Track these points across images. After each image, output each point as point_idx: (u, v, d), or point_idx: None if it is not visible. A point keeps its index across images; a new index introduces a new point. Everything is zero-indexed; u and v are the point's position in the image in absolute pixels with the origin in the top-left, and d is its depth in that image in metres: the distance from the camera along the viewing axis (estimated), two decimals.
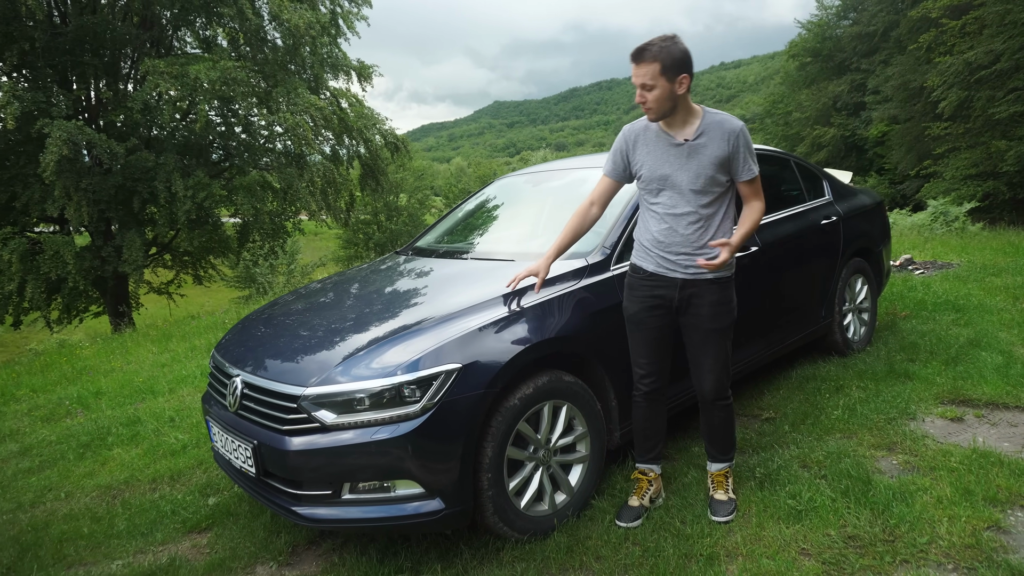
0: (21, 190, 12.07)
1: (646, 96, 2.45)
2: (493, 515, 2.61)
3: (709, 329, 2.65)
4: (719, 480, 2.88)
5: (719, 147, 2.52)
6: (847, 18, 29.27)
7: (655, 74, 2.41)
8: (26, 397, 6.02)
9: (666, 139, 2.58)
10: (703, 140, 2.53)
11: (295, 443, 2.50)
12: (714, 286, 2.63)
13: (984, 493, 2.73)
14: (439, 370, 2.47)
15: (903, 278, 6.87)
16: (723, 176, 2.56)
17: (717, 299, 2.64)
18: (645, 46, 2.41)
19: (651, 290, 2.69)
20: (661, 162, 2.60)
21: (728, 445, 2.88)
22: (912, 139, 22.23)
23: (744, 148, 2.54)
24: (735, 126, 2.54)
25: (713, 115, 2.56)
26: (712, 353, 2.69)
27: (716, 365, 2.71)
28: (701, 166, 2.53)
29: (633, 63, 2.45)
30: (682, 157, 2.56)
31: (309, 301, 3.42)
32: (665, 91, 2.44)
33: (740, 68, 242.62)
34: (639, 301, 2.73)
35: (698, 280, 2.62)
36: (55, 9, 12.87)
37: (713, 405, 2.78)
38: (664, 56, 2.39)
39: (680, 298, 2.65)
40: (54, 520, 3.36)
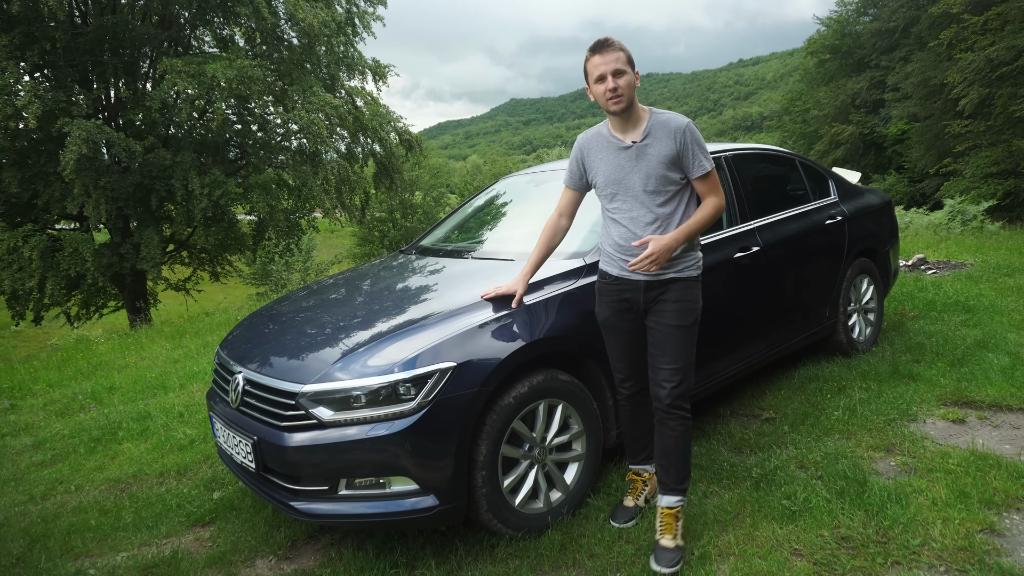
0: (42, 188, 12.30)
1: (618, 83, 2.42)
2: (487, 512, 2.64)
3: (670, 326, 2.57)
4: (668, 521, 2.59)
5: (666, 145, 2.50)
6: (867, 14, 28.93)
7: (623, 61, 2.43)
8: (42, 391, 6.15)
9: (615, 143, 2.58)
10: (650, 140, 2.51)
11: (293, 439, 2.55)
12: (677, 284, 2.58)
13: (980, 496, 2.72)
14: (434, 368, 2.50)
15: (914, 278, 6.81)
16: (675, 174, 2.52)
17: (680, 296, 2.57)
18: (606, 39, 2.45)
19: (619, 294, 2.66)
20: (613, 167, 2.59)
21: (682, 473, 2.63)
22: (932, 137, 21.95)
23: (692, 144, 2.50)
24: (680, 123, 2.52)
25: (659, 115, 2.55)
26: (671, 351, 2.56)
27: (677, 367, 2.56)
28: (651, 166, 2.51)
29: (597, 54, 2.43)
30: (632, 160, 2.54)
31: (311, 300, 3.47)
32: (631, 79, 2.46)
33: (759, 65, 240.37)
34: (608, 306, 2.70)
35: (661, 280, 2.57)
36: (76, 9, 13.07)
37: (668, 414, 2.58)
38: (624, 47, 2.45)
39: (645, 300, 2.61)
40: (63, 512, 3.44)
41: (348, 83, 16.35)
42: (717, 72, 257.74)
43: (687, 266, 2.58)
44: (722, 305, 3.54)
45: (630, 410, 2.85)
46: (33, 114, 10.81)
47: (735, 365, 3.62)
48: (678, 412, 2.58)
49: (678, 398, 2.57)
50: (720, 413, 3.84)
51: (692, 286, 2.60)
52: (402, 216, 35.64)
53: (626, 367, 2.76)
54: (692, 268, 2.60)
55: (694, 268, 2.61)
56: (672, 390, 2.56)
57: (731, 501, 2.89)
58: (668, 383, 2.56)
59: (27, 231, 11.95)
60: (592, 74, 2.47)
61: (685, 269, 2.58)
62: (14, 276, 11.77)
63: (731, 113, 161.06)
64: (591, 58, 2.45)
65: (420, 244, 4.15)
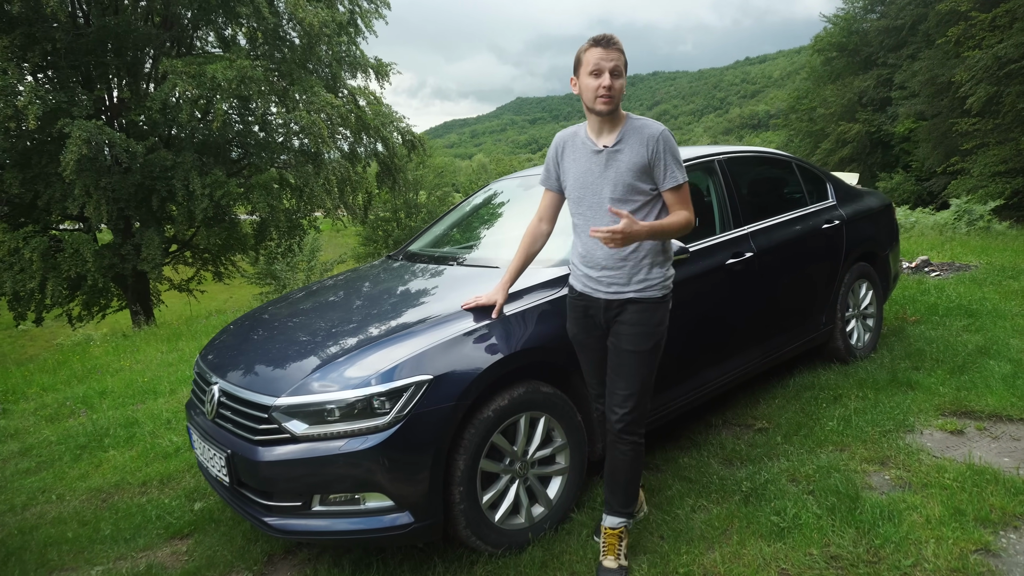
0: (43, 189, 12.29)
1: (614, 84, 2.31)
2: (465, 529, 2.57)
3: (626, 351, 2.44)
4: (611, 541, 2.52)
5: (637, 153, 2.37)
6: (874, 12, 28.70)
7: (622, 64, 2.33)
8: (36, 395, 6.11)
9: (589, 146, 2.46)
10: (621, 146, 2.40)
11: (266, 454, 2.49)
12: (637, 306, 2.43)
13: (976, 513, 2.63)
14: (409, 382, 2.43)
15: (917, 280, 6.69)
16: (645, 184, 2.39)
17: (638, 319, 2.42)
18: (610, 35, 2.32)
19: (584, 311, 2.55)
20: (583, 171, 2.47)
21: (629, 496, 2.55)
22: (939, 135, 21.75)
23: (666, 153, 2.37)
24: (654, 130, 2.39)
25: (634, 121, 2.43)
26: (626, 377, 2.44)
27: (630, 393, 2.44)
28: (619, 173, 2.39)
29: (600, 47, 2.30)
30: (601, 165, 2.42)
31: (291, 308, 3.41)
32: (624, 83, 2.35)
33: (766, 63, 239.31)
34: (575, 322, 2.60)
35: (621, 300, 2.44)
36: (78, 10, 13.06)
37: (619, 439, 2.49)
38: (624, 51, 2.34)
39: (606, 319, 2.49)
40: (43, 523, 3.39)
41: (350, 82, 16.30)
42: (724, 70, 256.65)
43: (649, 285, 2.43)
44: (714, 312, 3.46)
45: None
46: (33, 115, 10.80)
47: (727, 374, 3.53)
48: (629, 438, 2.48)
49: (630, 424, 2.47)
50: (712, 423, 3.76)
51: (654, 308, 2.44)
52: (406, 216, 35.62)
53: (598, 383, 2.66)
54: (655, 288, 2.44)
55: (658, 288, 2.45)
56: (623, 416, 2.46)
57: (719, 516, 2.81)
58: (620, 408, 2.46)
59: (28, 232, 11.95)
60: (587, 64, 2.32)
61: (647, 289, 2.43)
62: (15, 277, 11.77)
63: (738, 111, 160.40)
64: (591, 49, 2.31)
65: (408, 249, 4.08)
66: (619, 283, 2.44)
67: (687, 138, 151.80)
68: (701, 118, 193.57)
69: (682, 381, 3.31)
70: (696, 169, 3.72)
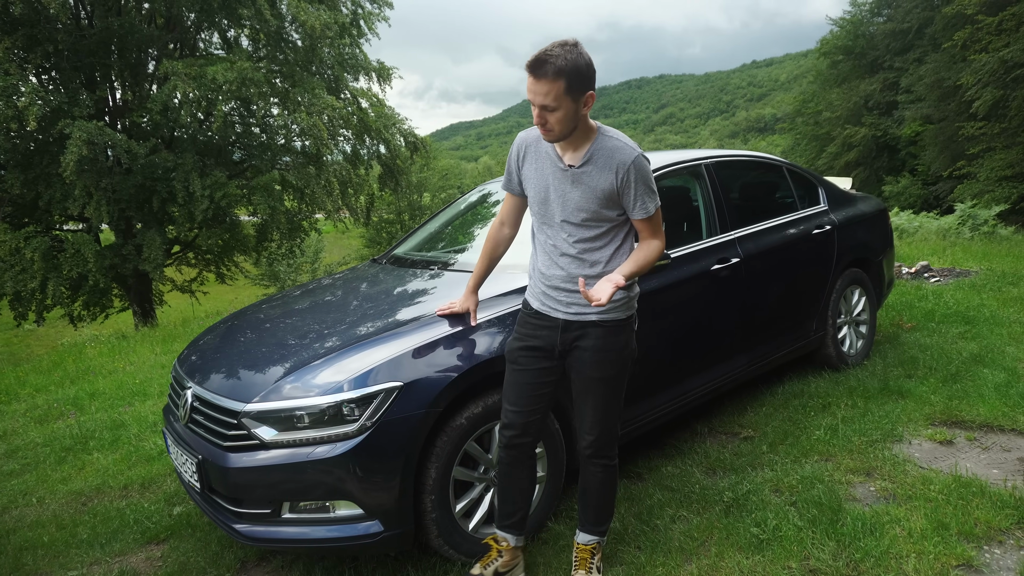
0: (44, 189, 12.33)
1: (547, 118, 2.04)
2: (438, 538, 2.54)
3: (591, 377, 2.28)
4: (583, 556, 2.43)
5: (605, 179, 2.14)
6: (880, 15, 28.56)
7: (559, 94, 1.99)
8: (27, 396, 6.11)
9: (554, 159, 2.23)
10: (588, 168, 2.16)
11: (235, 460, 2.45)
12: (599, 330, 2.25)
13: (959, 527, 2.57)
14: (378, 388, 2.39)
15: (915, 286, 6.62)
16: (610, 211, 2.19)
17: (602, 345, 2.25)
18: (545, 57, 1.96)
19: (534, 330, 2.35)
20: (543, 185, 2.26)
21: (603, 515, 2.45)
22: (945, 139, 21.63)
23: (637, 182, 2.14)
24: (626, 157, 2.13)
25: (607, 139, 2.17)
26: (592, 404, 2.30)
27: (597, 419, 2.32)
28: (583, 198, 2.18)
29: (531, 76, 2.00)
30: (565, 184, 2.21)
31: (267, 313, 3.37)
32: (569, 112, 2.04)
33: (772, 66, 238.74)
34: (519, 339, 2.39)
35: (582, 322, 2.26)
36: (81, 11, 13.11)
37: (589, 461, 2.38)
38: (570, 71, 1.97)
39: (562, 342, 2.29)
40: (20, 527, 3.36)
41: (353, 84, 16.31)
42: (730, 73, 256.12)
43: (612, 306, 2.25)
44: (698, 318, 3.41)
45: (507, 462, 2.43)
46: (33, 116, 10.83)
47: (712, 382, 3.48)
48: (599, 461, 2.38)
49: (600, 448, 2.36)
50: (697, 430, 3.70)
51: (618, 331, 2.27)
52: (410, 218, 35.63)
53: (515, 411, 2.37)
54: (619, 309, 2.26)
55: (622, 309, 2.27)
56: (593, 441, 2.35)
57: (699, 527, 2.76)
58: (588, 435, 2.35)
59: (28, 232, 11.98)
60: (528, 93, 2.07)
61: (610, 310, 2.25)
62: (16, 277, 11.80)
63: (744, 115, 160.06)
64: (528, 76, 2.03)
65: (393, 253, 4.05)
66: (580, 303, 2.25)
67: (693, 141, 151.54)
68: (707, 121, 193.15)
69: (664, 389, 3.26)
70: (682, 173, 3.68)
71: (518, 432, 2.38)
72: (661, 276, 3.16)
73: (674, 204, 3.87)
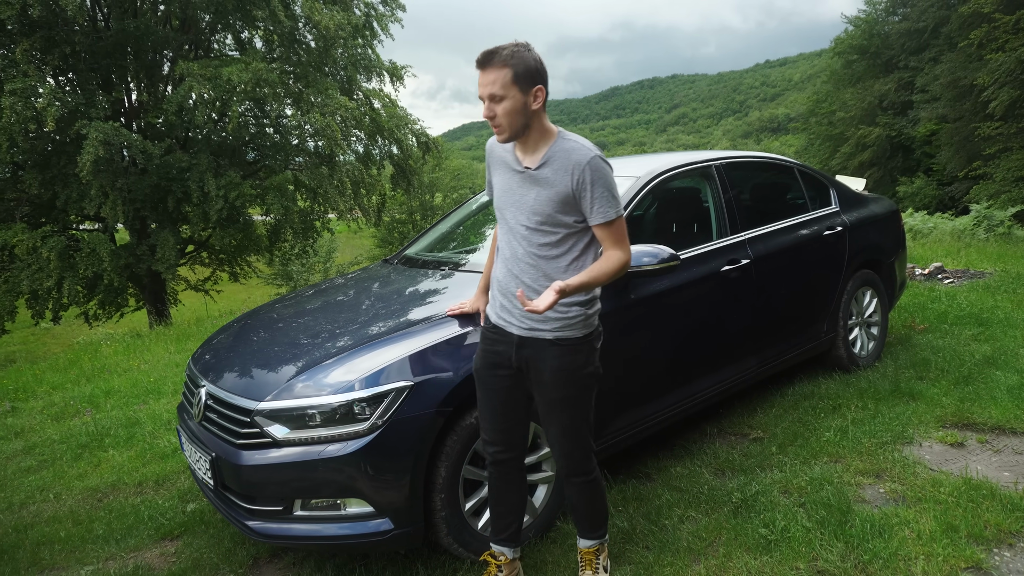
0: (61, 189, 12.49)
1: (495, 110, 2.02)
2: (447, 536, 2.56)
3: (552, 399, 2.19)
4: (588, 558, 2.41)
5: (561, 181, 2.06)
6: (896, 14, 28.31)
7: (506, 82, 1.98)
8: (44, 394, 6.20)
9: (511, 162, 2.17)
10: (545, 171, 2.09)
11: (248, 457, 2.49)
12: (556, 348, 2.14)
13: (969, 529, 2.57)
14: (389, 388, 2.43)
15: (929, 288, 6.58)
16: (567, 216, 2.09)
17: (559, 364, 2.15)
18: (494, 50, 1.99)
19: (492, 344, 2.27)
20: (504, 189, 2.20)
21: (597, 522, 2.40)
22: (961, 139, 21.40)
23: (594, 184, 2.04)
24: (582, 157, 2.05)
25: (565, 141, 2.10)
26: (559, 426, 2.22)
27: (564, 440, 2.24)
28: (539, 201, 2.09)
29: (479, 70, 2.02)
30: (523, 187, 2.14)
31: (280, 312, 3.42)
32: (517, 104, 2.01)
33: (786, 66, 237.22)
34: (481, 356, 2.32)
35: (537, 339, 2.16)
36: (98, 13, 13.27)
37: (569, 482, 2.33)
38: (516, 62, 1.98)
39: (518, 359, 2.20)
40: (38, 522, 3.42)
41: (365, 85, 16.40)
42: (743, 73, 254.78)
43: (568, 324, 2.14)
44: (707, 319, 3.42)
45: (496, 478, 2.40)
46: (51, 116, 10.97)
47: (721, 383, 3.49)
48: (578, 478, 2.30)
49: (575, 466, 2.28)
50: (707, 431, 3.71)
51: (577, 349, 2.16)
52: (422, 218, 35.71)
53: (493, 429, 2.33)
54: (576, 327, 2.15)
55: (579, 327, 2.16)
56: (566, 464, 2.29)
57: (707, 528, 2.77)
58: (560, 458, 2.29)
59: (45, 232, 12.13)
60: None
61: (565, 328, 2.14)
62: (32, 276, 11.96)
63: (757, 115, 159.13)
64: (478, 73, 2.03)
65: (404, 254, 4.08)
66: (535, 319, 2.15)
67: (705, 141, 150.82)
68: (720, 121, 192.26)
69: (673, 389, 3.27)
70: (693, 174, 3.69)
71: (501, 448, 2.35)
72: (671, 277, 3.17)
73: (684, 205, 3.89)
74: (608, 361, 2.95)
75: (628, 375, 3.06)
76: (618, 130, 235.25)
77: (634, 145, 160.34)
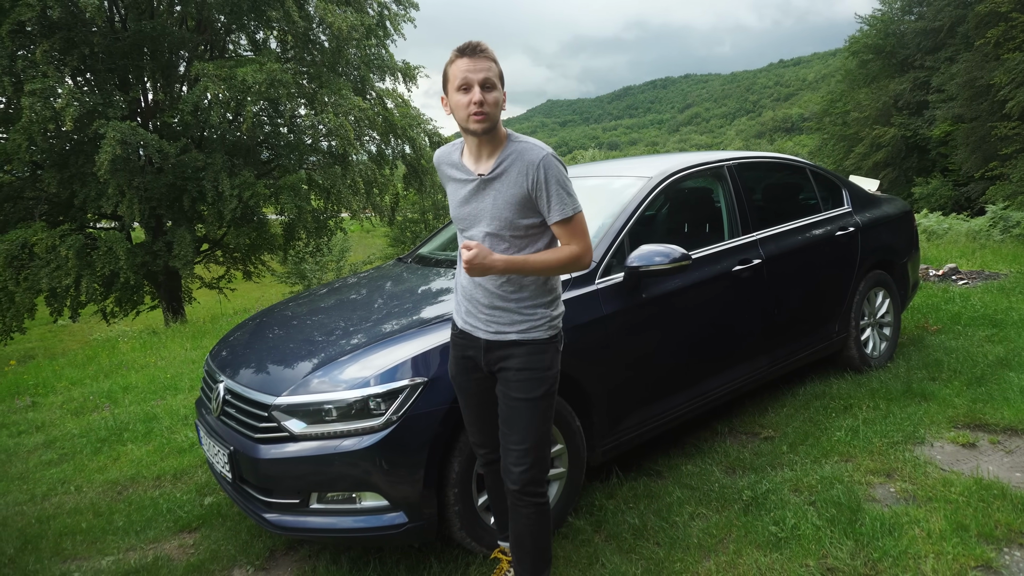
0: (79, 188, 12.66)
1: (486, 97, 1.98)
2: (460, 530, 2.60)
3: (515, 399, 2.15)
4: None
5: (516, 183, 2.05)
6: (911, 13, 28.08)
7: (497, 74, 2.01)
8: (64, 389, 6.29)
9: (463, 172, 2.15)
10: (499, 173, 2.07)
11: (266, 451, 2.55)
12: (522, 349, 2.14)
13: (980, 529, 2.58)
14: (404, 384, 2.47)
15: (942, 289, 6.55)
16: (526, 219, 2.07)
17: (525, 363, 2.14)
18: (478, 43, 2.00)
19: (462, 350, 2.27)
20: (460, 199, 2.17)
21: (539, 563, 2.25)
22: (978, 139, 21.19)
23: (549, 182, 2.02)
24: (535, 156, 2.03)
25: (517, 143, 2.08)
26: (518, 430, 2.15)
27: (523, 447, 2.15)
28: (497, 206, 2.08)
29: (465, 57, 1.99)
30: (479, 193, 2.11)
31: (297, 309, 3.47)
32: (500, 97, 2.02)
33: (800, 65, 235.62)
34: (455, 362, 2.33)
35: (502, 342, 2.15)
36: (115, 14, 13.43)
37: (519, 500, 2.18)
38: (496, 59, 2.02)
39: (487, 362, 2.20)
40: (60, 513, 3.50)
41: (378, 85, 16.49)
42: (757, 73, 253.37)
43: (534, 326, 2.14)
44: (718, 319, 3.44)
45: (491, 478, 2.46)
46: (70, 116, 11.12)
47: (732, 383, 3.51)
48: (530, 499, 2.18)
49: (529, 483, 2.16)
50: (718, 430, 3.73)
51: (542, 350, 2.15)
52: (434, 217, 35.78)
53: (478, 433, 2.37)
54: (541, 328, 2.15)
55: (544, 328, 2.16)
56: (521, 475, 2.16)
57: (717, 525, 2.80)
58: (516, 467, 2.16)
59: (64, 230, 12.30)
60: (454, 79, 2.00)
61: (531, 330, 2.14)
62: (51, 274, 12.12)
63: (770, 115, 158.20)
64: (456, 60, 2.00)
65: (418, 252, 4.13)
66: (500, 323, 2.15)
67: (718, 141, 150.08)
68: (733, 121, 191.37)
69: (684, 388, 3.30)
70: (705, 175, 3.71)
71: (490, 450, 2.37)
72: (683, 277, 3.20)
73: (697, 205, 3.91)
74: (620, 359, 3.01)
75: (639, 373, 3.09)
76: (630, 130, 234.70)
77: (647, 145, 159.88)
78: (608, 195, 3.41)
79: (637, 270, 2.96)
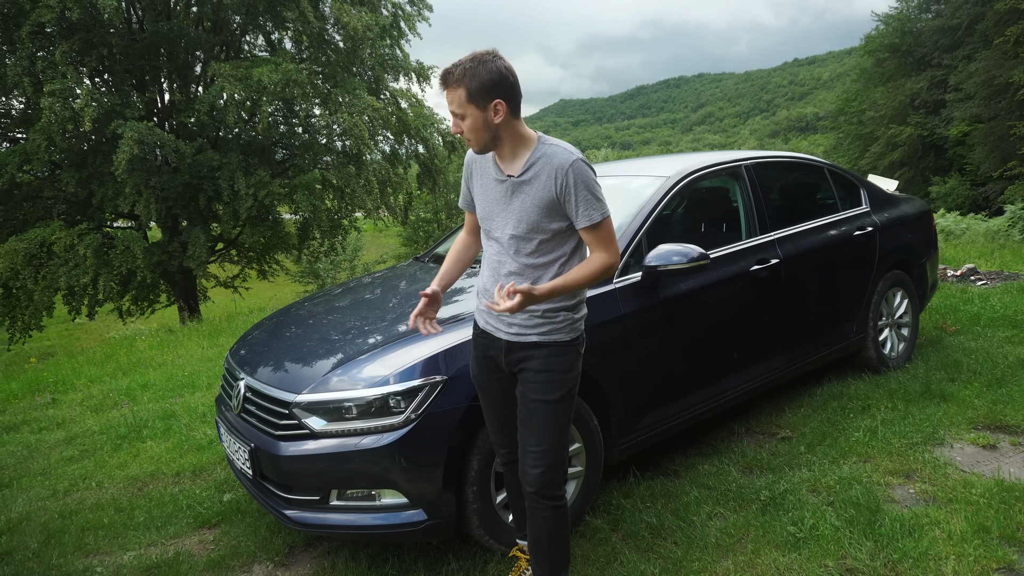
0: (97, 187, 12.80)
1: (460, 126, 2.02)
2: (479, 528, 2.62)
3: (534, 401, 2.13)
4: None
5: (545, 186, 2.04)
6: (929, 11, 27.83)
7: (462, 101, 1.98)
8: (83, 387, 6.37)
9: (494, 172, 2.16)
10: (528, 177, 2.07)
11: (286, 448, 2.57)
12: (543, 351, 2.13)
13: (1001, 530, 2.56)
14: (423, 382, 2.49)
15: (961, 289, 6.49)
16: (553, 223, 2.07)
17: (545, 365, 2.13)
18: (451, 68, 1.99)
19: (484, 350, 2.28)
20: (488, 199, 2.19)
21: (558, 563, 2.24)
22: (996, 138, 21.01)
23: (578, 186, 2.01)
24: (565, 160, 2.02)
25: (546, 146, 2.07)
26: (536, 431, 2.13)
27: (540, 449, 2.14)
28: (524, 209, 2.08)
29: (443, 88, 2.03)
30: (507, 196, 2.12)
31: (317, 307, 3.50)
32: (477, 120, 1.99)
33: (815, 65, 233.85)
34: (476, 361, 2.33)
35: (524, 343, 2.15)
36: (134, 16, 13.57)
37: (536, 502, 2.18)
38: (469, 80, 1.95)
39: (508, 362, 2.20)
40: (82, 509, 3.54)
41: (392, 85, 16.55)
42: (771, 72, 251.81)
43: (555, 328, 2.13)
44: (736, 319, 3.44)
45: (510, 477, 2.45)
46: (89, 116, 11.25)
47: (749, 383, 3.50)
48: (547, 501, 2.17)
49: (545, 486, 2.15)
50: (735, 430, 3.72)
51: (563, 352, 2.15)
52: (447, 217, 35.86)
53: (499, 432, 2.36)
54: (563, 331, 2.14)
55: (566, 331, 2.15)
56: (538, 476, 2.14)
57: (735, 524, 2.79)
58: (533, 468, 2.15)
59: (82, 229, 12.45)
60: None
61: (552, 332, 2.13)
62: (70, 273, 12.27)
63: (785, 114, 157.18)
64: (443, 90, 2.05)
65: (436, 252, 4.14)
66: (521, 324, 2.14)
67: (732, 141, 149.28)
68: (747, 120, 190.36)
69: (701, 388, 3.30)
70: (722, 174, 3.70)
71: (510, 450, 2.36)
72: (700, 276, 3.19)
73: (714, 205, 3.90)
74: (638, 358, 3.01)
75: (657, 372, 3.09)
76: (643, 129, 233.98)
77: (659, 144, 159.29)
78: (626, 195, 3.41)
79: (655, 269, 2.96)
